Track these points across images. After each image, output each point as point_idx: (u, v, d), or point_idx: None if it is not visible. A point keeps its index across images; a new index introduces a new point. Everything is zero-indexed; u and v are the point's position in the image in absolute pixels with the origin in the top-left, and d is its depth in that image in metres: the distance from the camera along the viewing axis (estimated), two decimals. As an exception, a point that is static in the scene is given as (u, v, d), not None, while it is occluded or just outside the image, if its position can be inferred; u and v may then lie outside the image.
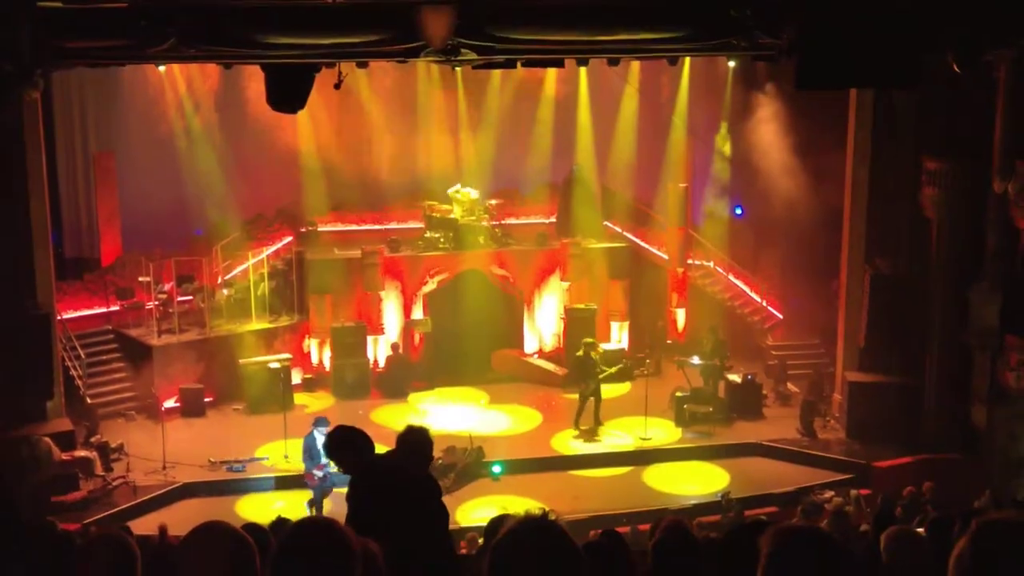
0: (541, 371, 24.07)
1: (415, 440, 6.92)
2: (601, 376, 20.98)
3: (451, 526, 7.51)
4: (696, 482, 19.23)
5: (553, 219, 26.00)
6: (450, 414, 21.84)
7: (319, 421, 16.66)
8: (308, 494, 16.30)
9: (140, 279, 22.71)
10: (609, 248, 25.09)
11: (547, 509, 3.12)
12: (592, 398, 20.87)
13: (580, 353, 21.14)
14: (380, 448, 7.09)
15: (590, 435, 20.80)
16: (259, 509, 16.88)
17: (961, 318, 18.70)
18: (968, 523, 3.82)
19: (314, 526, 3.40)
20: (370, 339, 23.55)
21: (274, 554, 3.32)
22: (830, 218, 21.71)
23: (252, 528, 5.32)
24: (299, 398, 22.44)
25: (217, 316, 22.84)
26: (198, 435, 20.63)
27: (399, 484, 6.63)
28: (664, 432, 20.90)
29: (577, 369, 21.42)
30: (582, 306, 24.19)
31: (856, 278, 20.61)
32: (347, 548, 3.31)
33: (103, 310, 22.82)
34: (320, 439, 15.94)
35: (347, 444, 6.95)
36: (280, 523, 7.80)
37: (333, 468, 16.11)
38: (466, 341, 23.70)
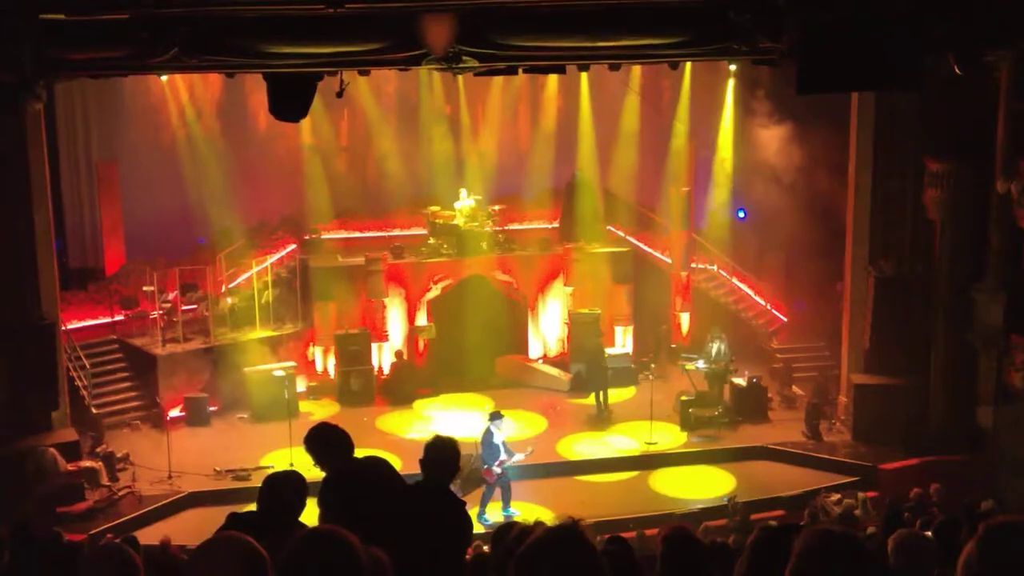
0: (546, 376, 24.06)
1: (438, 452, 6.84)
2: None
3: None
4: (702, 486, 19.21)
5: (556, 224, 26.00)
6: (455, 420, 21.84)
7: (494, 415, 17.47)
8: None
9: (144, 288, 22.73)
10: (612, 252, 25.07)
11: (575, 518, 3.12)
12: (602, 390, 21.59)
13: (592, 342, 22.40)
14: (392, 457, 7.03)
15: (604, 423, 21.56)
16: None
17: (966, 319, 18.67)
18: (975, 526, 3.81)
19: (321, 536, 3.40)
20: (374, 346, 23.55)
21: (283, 565, 3.32)
22: (833, 220, 21.69)
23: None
24: (304, 406, 22.45)
25: (221, 325, 22.85)
26: (203, 444, 20.63)
27: (376, 491, 6.56)
28: (669, 436, 20.89)
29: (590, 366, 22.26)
30: (586, 311, 24.18)
31: (860, 280, 20.60)
32: (355, 559, 3.32)
33: (107, 320, 22.81)
34: (496, 434, 16.88)
35: (329, 443, 6.84)
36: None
37: (512, 459, 17.00)
38: (470, 347, 23.69)
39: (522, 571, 3.00)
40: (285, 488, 6.28)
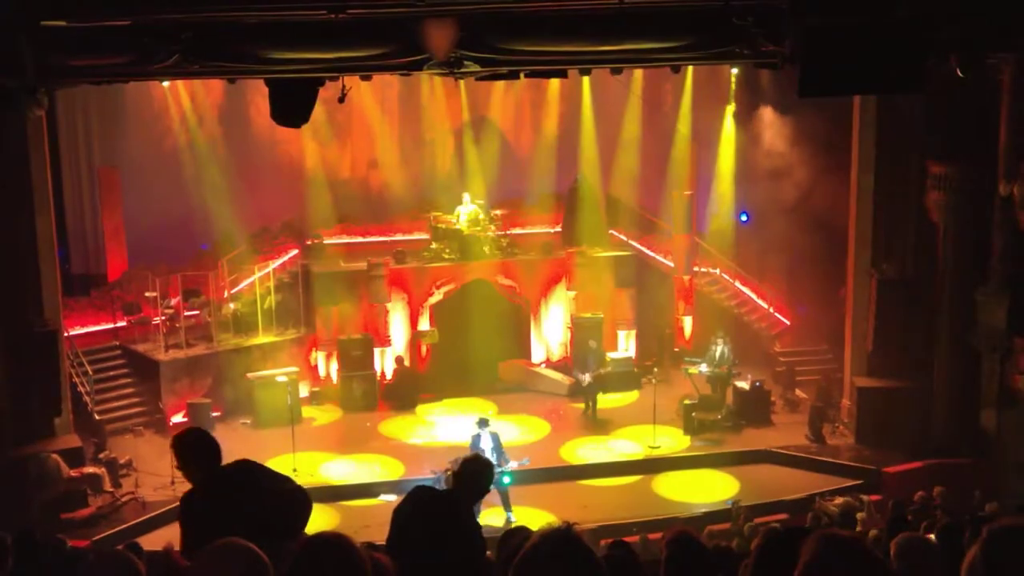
0: (548, 380, 24.06)
1: (474, 470, 6.87)
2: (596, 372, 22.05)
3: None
4: (705, 490, 19.19)
5: (558, 228, 26.01)
6: (458, 425, 21.84)
7: (482, 421, 17.52)
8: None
9: (146, 294, 22.74)
10: (615, 256, 25.10)
11: (570, 522, 3.12)
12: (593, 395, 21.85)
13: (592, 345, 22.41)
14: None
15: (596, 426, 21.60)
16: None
17: (969, 322, 18.66)
18: (979, 529, 3.81)
19: (325, 542, 3.40)
20: (377, 351, 23.54)
21: (287, 571, 3.32)
22: (836, 223, 21.68)
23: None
24: (307, 411, 22.46)
25: (224, 330, 22.86)
26: (206, 450, 20.58)
27: (252, 498, 6.41)
28: (672, 440, 20.87)
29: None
30: (588, 315, 24.19)
31: (863, 283, 20.59)
32: (358, 564, 3.32)
33: (110, 326, 22.83)
34: (485, 439, 17.14)
35: (202, 449, 6.36)
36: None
37: (507, 466, 17.14)
38: (473, 352, 23.70)
39: None
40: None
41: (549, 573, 2.96)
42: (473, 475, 6.82)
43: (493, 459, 17.15)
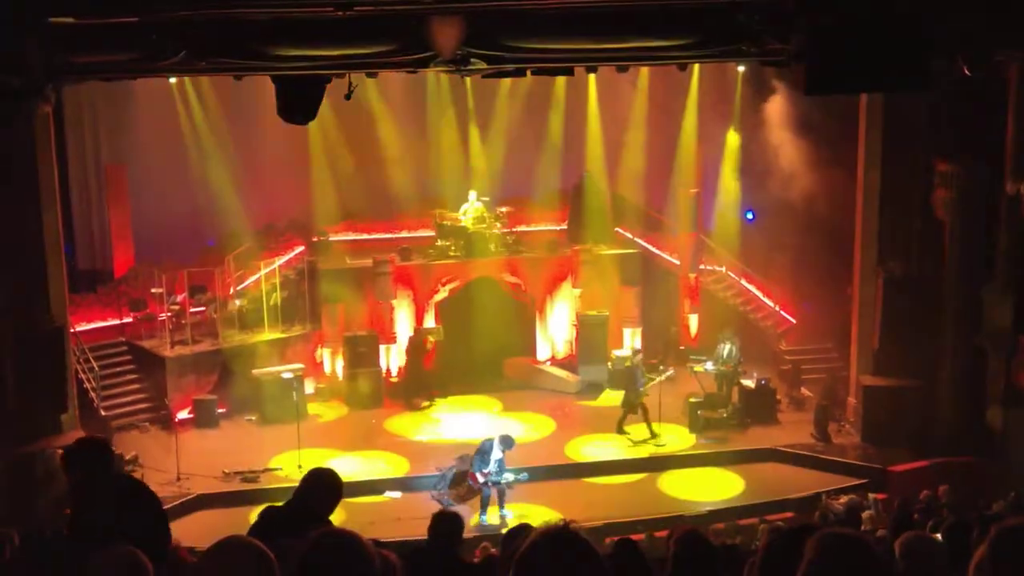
0: (554, 378, 24.05)
1: (447, 532, 7.08)
2: (645, 388, 21.05)
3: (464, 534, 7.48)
4: (711, 488, 19.17)
5: (564, 226, 25.97)
6: (463, 422, 21.85)
7: (506, 439, 17.39)
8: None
9: (152, 290, 22.77)
10: (620, 254, 25.07)
11: (567, 519, 3.12)
12: (640, 408, 20.85)
13: (628, 363, 21.49)
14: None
15: (646, 443, 20.74)
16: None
17: (975, 320, 18.64)
18: (986, 529, 3.81)
19: (335, 539, 3.41)
20: (382, 348, 23.55)
21: (296, 567, 3.33)
22: (842, 221, 21.65)
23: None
24: (312, 408, 22.48)
25: (230, 327, 22.88)
26: (212, 446, 20.65)
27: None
28: (678, 438, 20.86)
29: (622, 378, 21.64)
30: (594, 313, 24.17)
31: (869, 281, 20.55)
32: (367, 560, 3.33)
33: (116, 322, 22.85)
34: (496, 450, 17.15)
35: (81, 459, 6.01)
36: None
37: (506, 478, 17.09)
38: (478, 349, 23.69)
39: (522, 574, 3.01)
40: (325, 483, 6.30)
41: (548, 570, 2.97)
42: (444, 533, 7.04)
43: (495, 468, 17.14)
